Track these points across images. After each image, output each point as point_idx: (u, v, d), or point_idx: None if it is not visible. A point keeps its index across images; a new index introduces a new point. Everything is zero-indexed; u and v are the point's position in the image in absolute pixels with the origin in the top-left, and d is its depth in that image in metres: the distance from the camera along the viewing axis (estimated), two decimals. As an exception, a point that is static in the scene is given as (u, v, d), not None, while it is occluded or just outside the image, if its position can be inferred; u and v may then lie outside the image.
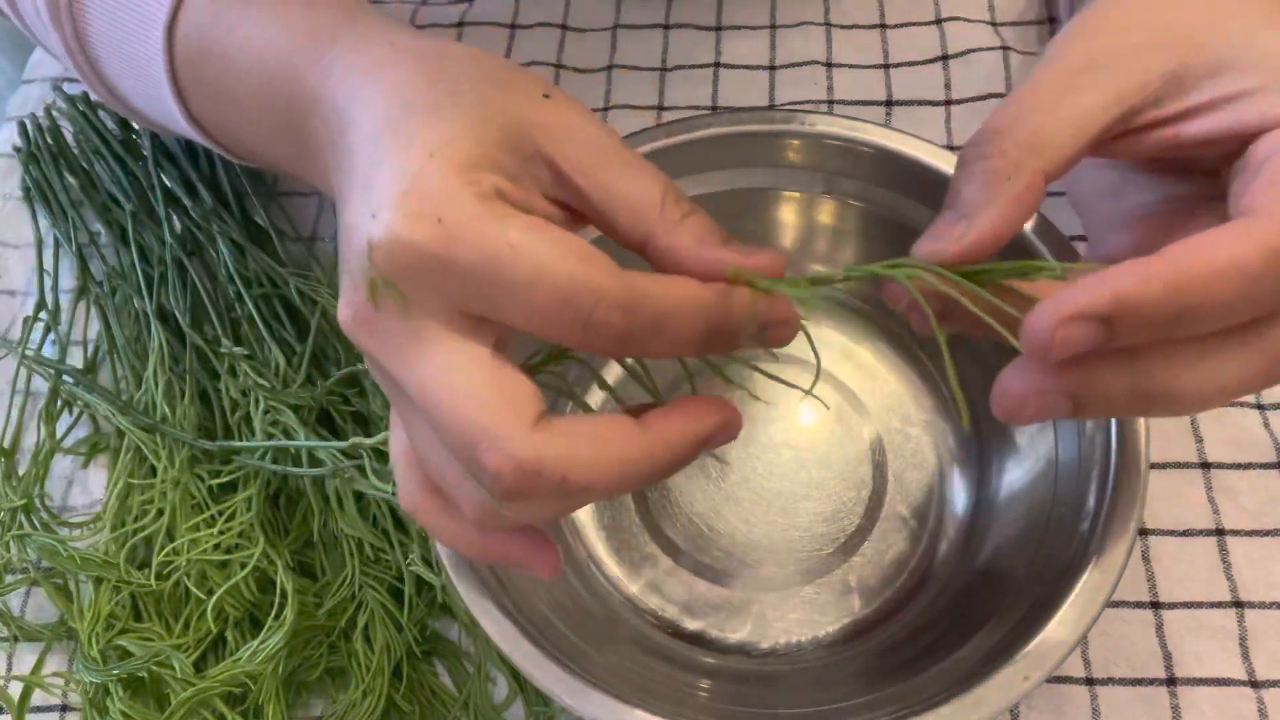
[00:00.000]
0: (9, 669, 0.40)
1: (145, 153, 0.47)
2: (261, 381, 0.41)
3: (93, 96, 0.41)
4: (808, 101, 0.51)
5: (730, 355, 0.28)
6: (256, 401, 0.41)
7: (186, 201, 0.46)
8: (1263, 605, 0.38)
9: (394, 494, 0.36)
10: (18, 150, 0.50)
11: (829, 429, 0.42)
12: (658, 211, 0.26)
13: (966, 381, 0.42)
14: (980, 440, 0.41)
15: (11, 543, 0.41)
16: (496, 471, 0.24)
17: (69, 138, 0.50)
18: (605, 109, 0.51)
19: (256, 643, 0.36)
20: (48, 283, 0.47)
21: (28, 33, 0.41)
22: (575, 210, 0.27)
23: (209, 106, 0.36)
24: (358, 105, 0.28)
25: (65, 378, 0.44)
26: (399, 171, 0.25)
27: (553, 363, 0.29)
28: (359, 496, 0.39)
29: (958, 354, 0.41)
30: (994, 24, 0.52)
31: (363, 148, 0.26)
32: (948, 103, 0.50)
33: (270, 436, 0.40)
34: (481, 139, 0.25)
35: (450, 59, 0.28)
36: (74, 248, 0.47)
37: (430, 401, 0.24)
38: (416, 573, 0.38)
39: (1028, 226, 0.36)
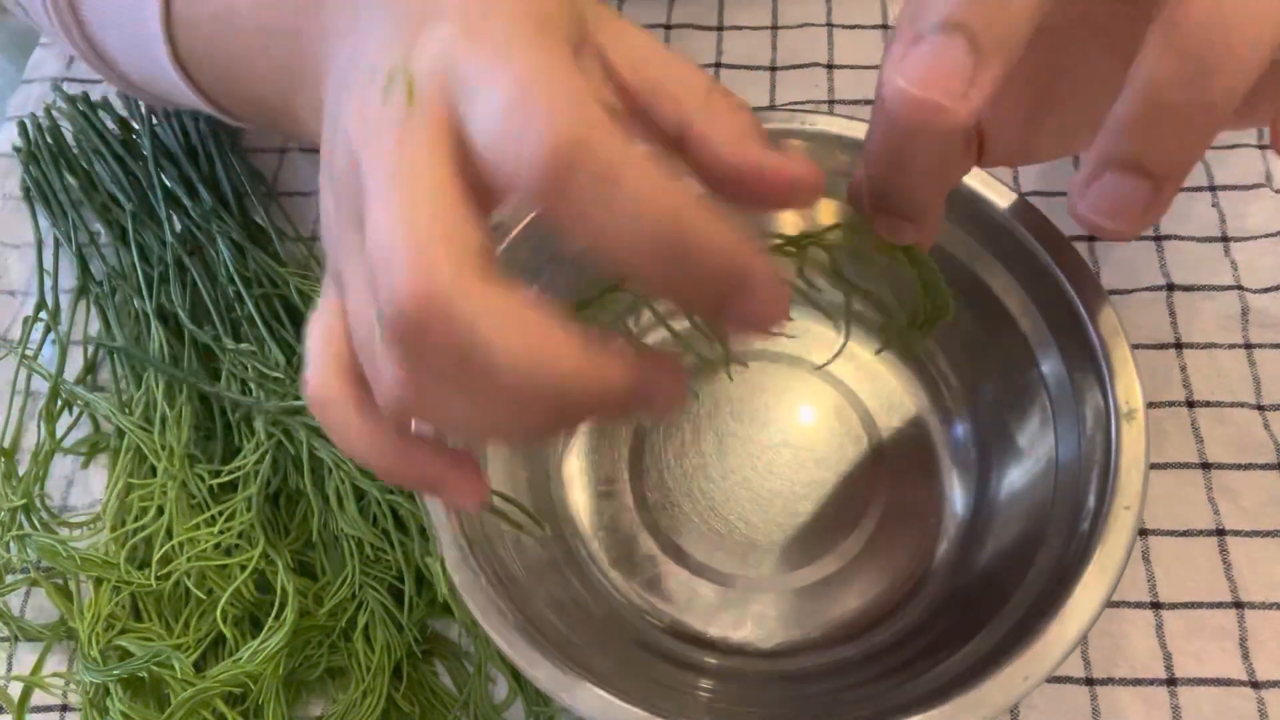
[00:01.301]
0: (9, 669, 0.40)
1: (145, 153, 0.47)
2: (272, 372, 0.41)
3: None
4: (809, 101, 0.51)
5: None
6: (259, 400, 0.41)
7: (186, 201, 0.46)
8: (1263, 605, 0.38)
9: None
10: (18, 150, 0.50)
11: (829, 429, 0.42)
12: (700, 100, 0.24)
13: (974, 373, 0.42)
14: (980, 440, 0.41)
15: (11, 543, 0.41)
16: (396, 291, 0.19)
17: (69, 138, 0.50)
18: (605, 109, 0.51)
19: (256, 643, 0.36)
20: (48, 283, 0.47)
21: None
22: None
23: (201, 29, 0.35)
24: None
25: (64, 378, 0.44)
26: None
27: (602, 297, 0.26)
28: (360, 495, 0.39)
29: (968, 366, 0.41)
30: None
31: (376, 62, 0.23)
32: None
33: (270, 436, 0.40)
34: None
35: None
36: (74, 248, 0.47)
37: (379, 205, 0.20)
38: (420, 567, 0.38)
39: (1025, 229, 0.36)
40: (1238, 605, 0.38)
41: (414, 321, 0.19)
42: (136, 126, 0.49)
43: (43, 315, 0.47)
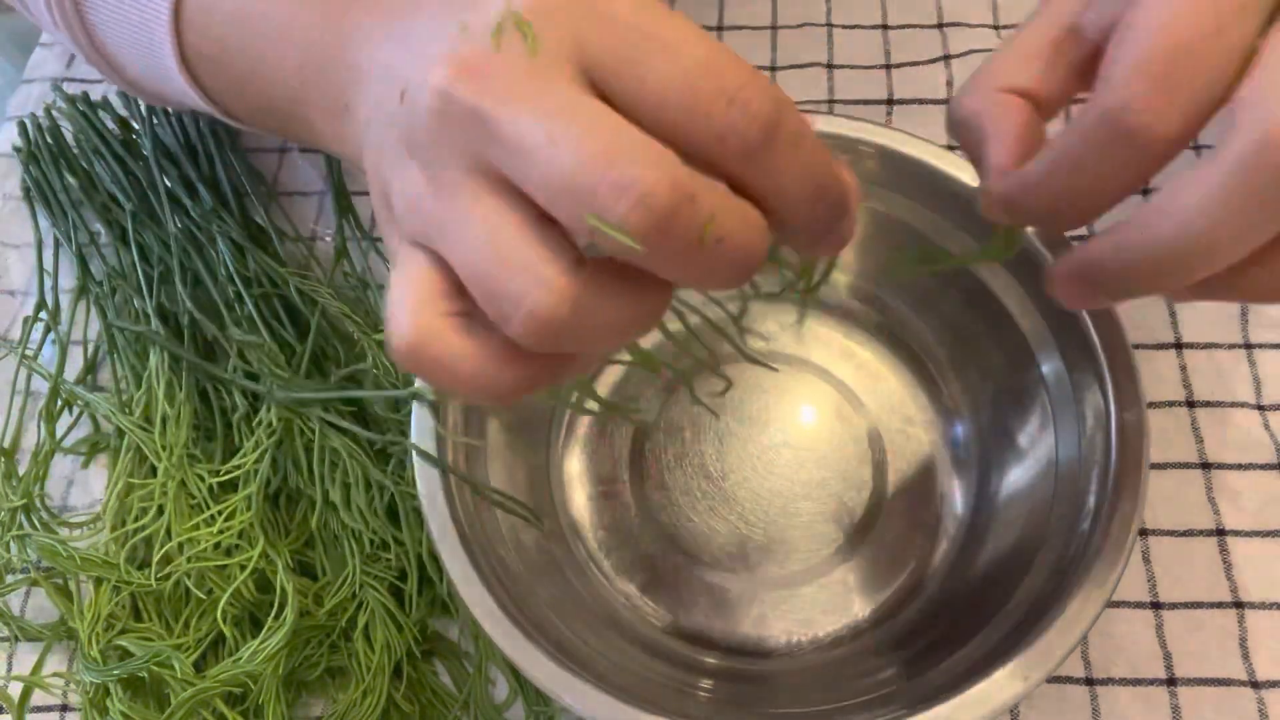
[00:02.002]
0: (9, 669, 0.40)
1: (145, 153, 0.47)
2: (278, 371, 0.41)
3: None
4: (809, 101, 0.51)
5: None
6: (267, 391, 0.41)
7: (186, 201, 0.46)
8: (1263, 605, 0.38)
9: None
10: (18, 150, 0.50)
11: (829, 429, 0.42)
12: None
13: (974, 373, 0.42)
14: (981, 440, 0.41)
15: (11, 543, 0.41)
16: (650, 188, 0.21)
17: (69, 138, 0.50)
18: (605, 109, 0.51)
19: (256, 643, 0.36)
20: (48, 283, 0.47)
21: None
22: None
23: (213, 30, 0.35)
24: None
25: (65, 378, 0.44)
26: None
27: None
28: (368, 487, 0.39)
29: (968, 366, 0.41)
30: (997, 27, 0.52)
31: None
32: (949, 102, 0.50)
33: (275, 425, 0.40)
34: None
35: None
36: (74, 248, 0.47)
37: (554, 129, 0.21)
38: (421, 566, 0.38)
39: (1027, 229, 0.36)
40: (1238, 605, 0.38)
41: (669, 211, 0.21)
42: (136, 126, 0.49)
43: (43, 315, 0.47)
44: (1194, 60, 0.23)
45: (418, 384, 0.36)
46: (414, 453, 0.34)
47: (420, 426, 0.35)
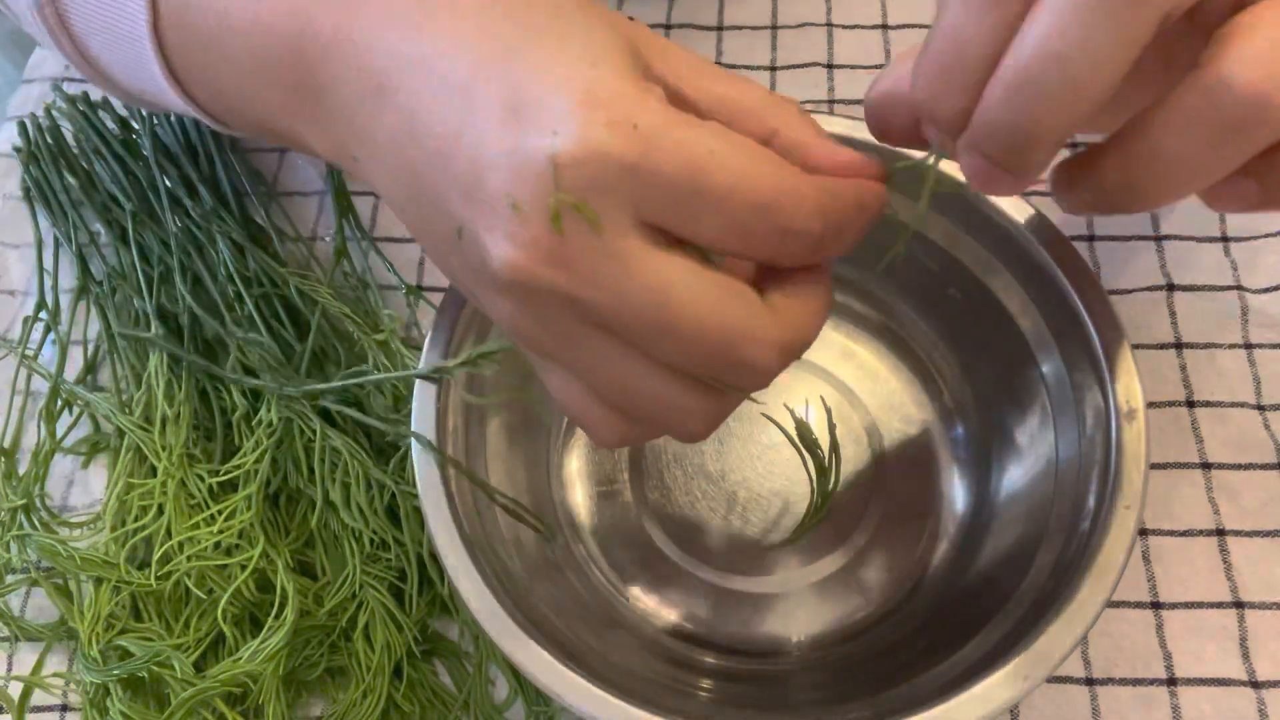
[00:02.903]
0: (9, 669, 0.40)
1: (145, 153, 0.47)
2: (280, 367, 0.41)
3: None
4: (809, 101, 0.51)
5: None
6: (266, 393, 0.41)
7: (186, 201, 0.46)
8: (1263, 605, 0.38)
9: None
10: (18, 150, 0.50)
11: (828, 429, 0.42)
12: (770, 108, 0.26)
13: (974, 373, 0.42)
14: (980, 440, 0.41)
15: (11, 543, 0.41)
16: (765, 364, 0.24)
17: (69, 138, 0.50)
18: (605, 109, 0.51)
19: (257, 643, 0.36)
20: (48, 283, 0.47)
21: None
22: None
23: (193, 55, 0.34)
24: (425, 40, 0.25)
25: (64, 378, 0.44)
26: (567, 84, 0.23)
27: None
28: (368, 486, 0.39)
29: (968, 366, 0.41)
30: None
31: (471, 78, 0.24)
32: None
33: (276, 423, 0.40)
34: (623, 51, 0.24)
35: None
36: (74, 248, 0.47)
37: (668, 318, 0.23)
38: (421, 566, 0.38)
39: (1025, 229, 0.36)
40: (1238, 605, 0.38)
41: (781, 369, 0.26)
42: (136, 126, 0.49)
43: (43, 315, 0.47)
44: None
45: (422, 362, 0.35)
46: (415, 454, 0.34)
47: (421, 417, 0.35)
